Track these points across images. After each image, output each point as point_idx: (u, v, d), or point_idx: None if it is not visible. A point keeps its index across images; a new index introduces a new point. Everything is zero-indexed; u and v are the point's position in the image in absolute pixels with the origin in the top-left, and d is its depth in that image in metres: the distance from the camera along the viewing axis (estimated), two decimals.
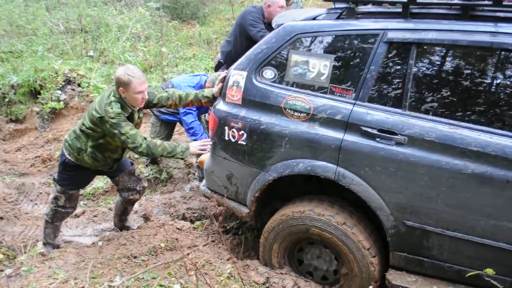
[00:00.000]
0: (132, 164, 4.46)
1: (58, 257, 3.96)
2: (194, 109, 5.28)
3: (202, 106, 5.07)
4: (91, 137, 3.94)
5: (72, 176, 4.17)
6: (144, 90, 3.81)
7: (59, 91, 7.62)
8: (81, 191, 5.14)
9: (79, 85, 7.85)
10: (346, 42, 3.34)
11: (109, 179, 4.75)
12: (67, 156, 4.04)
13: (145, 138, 3.85)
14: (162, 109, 5.59)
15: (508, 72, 2.97)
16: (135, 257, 3.90)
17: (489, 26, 2.99)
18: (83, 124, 3.93)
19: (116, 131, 3.76)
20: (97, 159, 4.04)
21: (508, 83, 2.94)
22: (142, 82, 3.76)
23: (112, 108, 3.74)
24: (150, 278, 3.55)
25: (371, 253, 3.34)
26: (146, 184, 4.56)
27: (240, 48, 5.41)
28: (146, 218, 5.00)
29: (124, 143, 3.83)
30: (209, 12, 14.18)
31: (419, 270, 3.26)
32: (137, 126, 4.07)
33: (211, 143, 3.79)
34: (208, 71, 9.15)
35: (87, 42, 10.44)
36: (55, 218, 4.29)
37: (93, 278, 3.60)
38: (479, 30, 2.98)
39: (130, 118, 3.90)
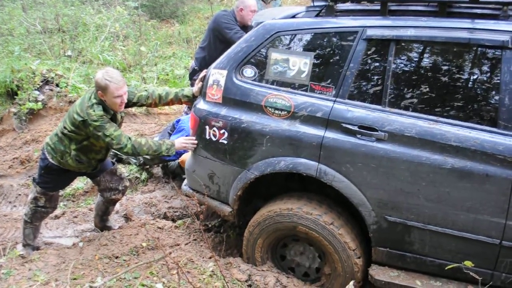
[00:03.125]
0: (113, 164, 4.42)
1: (38, 259, 3.91)
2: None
3: None
4: (74, 140, 3.90)
5: (54, 179, 4.13)
6: (123, 94, 3.77)
7: (36, 92, 7.51)
8: (61, 192, 5.08)
9: (57, 85, 7.74)
10: (326, 40, 3.36)
11: (89, 180, 4.70)
12: (50, 160, 4.00)
13: (129, 138, 3.83)
14: None
15: (485, 68, 3.01)
16: (116, 257, 3.87)
17: (466, 23, 3.02)
18: (65, 128, 3.89)
19: (100, 133, 3.73)
20: (82, 161, 4.01)
21: (485, 78, 2.99)
22: (120, 86, 3.72)
23: (94, 111, 3.71)
24: (132, 278, 3.53)
25: (357, 254, 3.37)
26: (128, 184, 4.53)
27: (215, 52, 5.37)
28: (127, 218, 4.96)
29: (109, 144, 3.80)
30: (188, 11, 14.09)
31: (401, 265, 3.29)
32: (119, 125, 4.04)
33: (195, 141, 3.77)
34: (187, 69, 9.11)
35: (65, 42, 10.31)
36: (35, 218, 4.24)
37: (74, 279, 3.57)
38: (456, 27, 3.02)
39: (113, 119, 3.87)
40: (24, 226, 4.29)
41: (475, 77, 3.03)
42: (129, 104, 4.03)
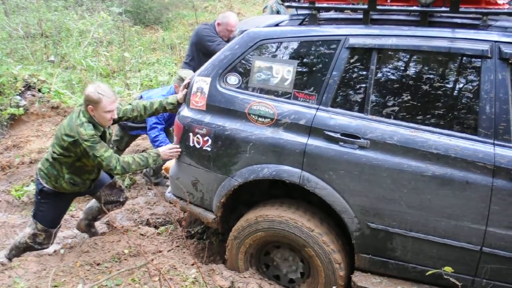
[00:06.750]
0: (112, 177, 4.39)
1: (18, 266, 3.87)
2: (162, 123, 5.25)
3: (171, 117, 5.03)
4: (65, 163, 3.86)
5: (52, 204, 4.06)
6: (114, 109, 3.78)
7: (18, 97, 7.45)
8: None
9: (39, 90, 7.70)
10: (309, 48, 3.38)
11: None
12: (45, 184, 3.95)
13: (118, 159, 3.82)
14: (132, 124, 5.52)
15: (465, 77, 3.06)
16: (98, 264, 3.85)
17: (447, 32, 3.07)
18: (54, 152, 3.85)
19: (90, 154, 3.71)
20: (76, 184, 3.98)
21: (466, 87, 3.03)
22: (112, 101, 3.73)
23: (85, 130, 3.68)
24: (113, 285, 3.51)
25: (342, 267, 3.38)
26: (127, 194, 4.51)
27: (199, 65, 5.42)
28: (110, 224, 4.94)
29: (99, 164, 3.79)
30: (173, 17, 14.11)
31: (384, 271, 3.31)
32: (108, 143, 4.02)
33: (179, 148, 3.76)
34: (171, 75, 9.11)
35: (47, 47, 10.26)
36: (27, 250, 4.20)
37: (55, 286, 3.54)
38: (437, 36, 3.07)
39: (102, 137, 3.86)
40: (14, 248, 4.20)
41: (456, 85, 3.08)
42: (115, 120, 4.01)
